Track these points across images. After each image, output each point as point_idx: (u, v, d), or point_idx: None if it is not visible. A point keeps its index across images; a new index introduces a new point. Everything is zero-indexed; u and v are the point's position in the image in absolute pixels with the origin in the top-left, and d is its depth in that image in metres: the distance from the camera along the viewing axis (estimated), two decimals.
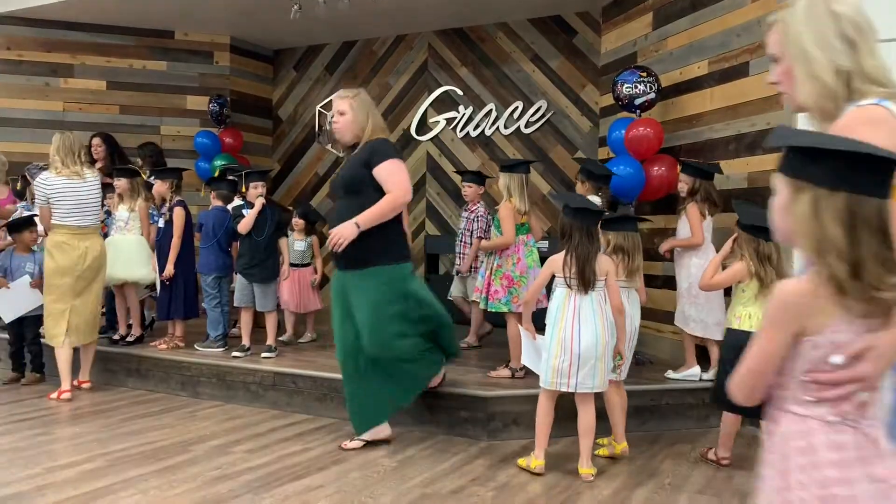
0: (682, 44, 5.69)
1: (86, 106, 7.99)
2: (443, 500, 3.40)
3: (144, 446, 4.15)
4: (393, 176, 3.98)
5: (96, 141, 7.00)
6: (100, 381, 5.70)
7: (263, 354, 5.47)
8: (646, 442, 4.48)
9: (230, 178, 6.34)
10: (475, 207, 6.04)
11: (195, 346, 5.77)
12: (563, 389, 3.75)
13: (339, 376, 4.88)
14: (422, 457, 4.09)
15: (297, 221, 6.38)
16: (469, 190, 6.06)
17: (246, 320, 5.69)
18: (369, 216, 3.90)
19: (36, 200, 5.25)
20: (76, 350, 5.36)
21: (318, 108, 8.88)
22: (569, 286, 3.72)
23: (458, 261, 6.16)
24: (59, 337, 5.17)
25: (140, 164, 6.97)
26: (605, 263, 3.78)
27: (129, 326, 6.25)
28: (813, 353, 1.41)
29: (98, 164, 6.76)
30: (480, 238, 5.77)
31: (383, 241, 4.00)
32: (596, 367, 3.71)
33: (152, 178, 6.29)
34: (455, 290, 6.19)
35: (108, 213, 6.22)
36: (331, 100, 8.71)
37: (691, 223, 4.82)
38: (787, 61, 1.82)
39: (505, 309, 4.90)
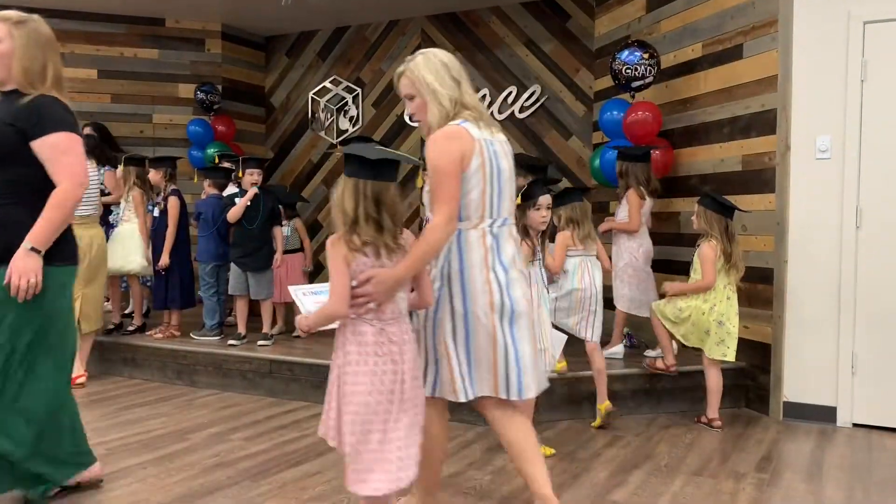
0: (676, 26, 5.67)
1: (77, 95, 7.91)
2: (440, 485, 3.41)
3: (142, 435, 4.16)
4: (65, 157, 2.91)
5: (86, 130, 6.96)
6: (96, 371, 5.70)
7: (259, 342, 5.47)
8: (641, 425, 4.51)
9: (225, 165, 6.32)
10: None
11: (191, 334, 5.77)
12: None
13: None
14: None
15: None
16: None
17: (241, 308, 5.69)
18: (44, 234, 2.82)
19: None
20: None
21: (311, 94, 8.83)
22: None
23: None
24: None
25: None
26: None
27: (126, 316, 6.26)
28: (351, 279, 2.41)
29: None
30: None
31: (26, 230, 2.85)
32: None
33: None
34: None
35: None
36: (324, 86, 8.70)
37: (630, 209, 4.98)
38: (420, 97, 2.67)
39: None
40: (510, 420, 2.72)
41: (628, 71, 5.46)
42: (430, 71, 2.64)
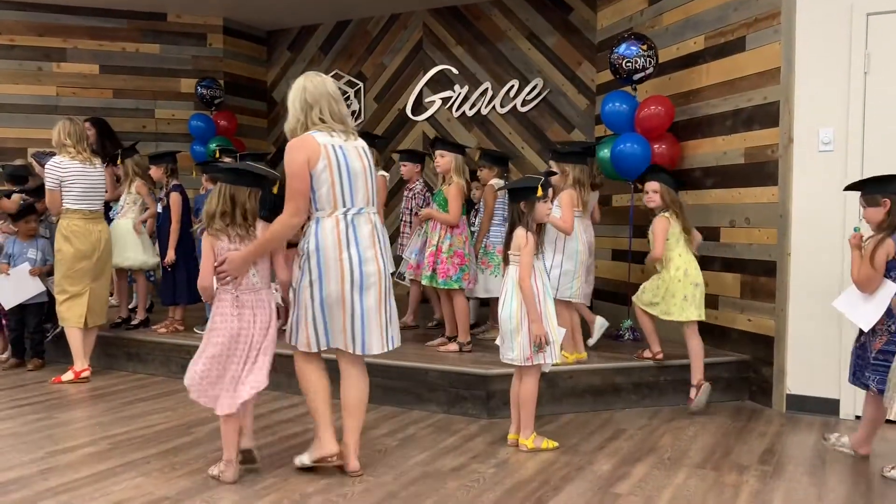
0: (679, 19, 5.65)
1: (79, 90, 7.94)
2: (443, 478, 3.42)
3: (146, 429, 4.17)
4: None
5: (86, 125, 6.96)
6: (100, 366, 5.72)
7: None
8: (644, 417, 4.51)
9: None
10: (413, 185, 6.20)
11: (195, 329, 5.78)
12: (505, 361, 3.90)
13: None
14: (422, 435, 4.11)
15: None
16: (404, 169, 6.20)
17: None
18: None
19: (47, 183, 5.25)
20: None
21: None
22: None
23: (403, 240, 6.17)
24: (77, 319, 5.23)
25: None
26: (518, 238, 3.77)
27: (132, 311, 6.27)
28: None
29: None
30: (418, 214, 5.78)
31: None
32: (512, 339, 3.76)
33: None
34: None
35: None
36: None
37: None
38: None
39: (456, 286, 5.01)
40: (348, 374, 3.46)
41: (628, 64, 5.43)
42: (292, 93, 3.44)
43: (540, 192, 3.73)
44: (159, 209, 5.97)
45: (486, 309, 6.03)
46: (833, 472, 3.58)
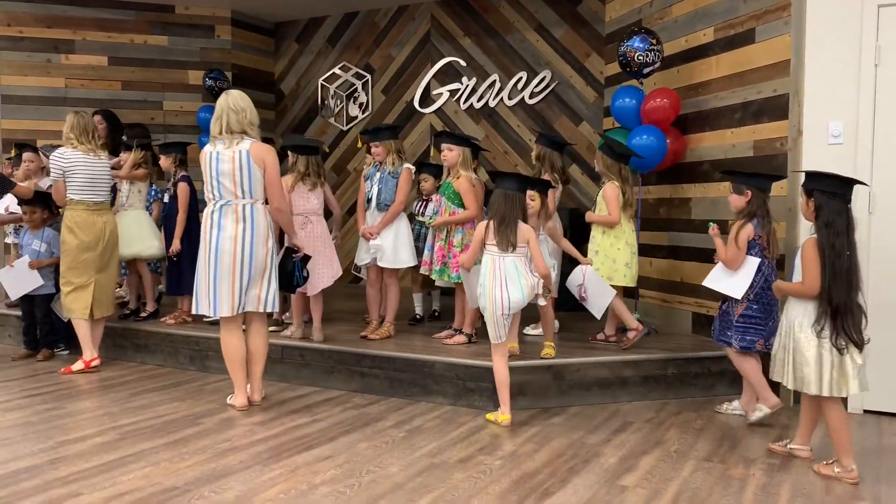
0: (688, 10, 5.62)
1: (87, 82, 7.96)
2: (450, 470, 3.44)
3: (154, 420, 4.20)
4: None
5: (97, 118, 6.98)
6: (109, 357, 5.75)
7: (270, 328, 5.48)
8: (651, 410, 4.51)
9: None
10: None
11: (205, 319, 5.78)
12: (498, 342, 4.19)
13: (347, 349, 4.94)
14: (429, 427, 4.12)
15: None
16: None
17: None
18: None
19: (52, 174, 5.29)
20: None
21: (320, 81, 8.82)
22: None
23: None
24: (82, 311, 5.26)
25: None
26: (525, 231, 4.13)
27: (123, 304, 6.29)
28: None
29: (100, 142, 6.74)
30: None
31: None
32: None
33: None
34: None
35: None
36: (333, 72, 8.69)
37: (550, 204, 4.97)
38: None
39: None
40: (226, 331, 4.35)
41: (640, 58, 5.39)
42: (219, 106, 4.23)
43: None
44: (166, 199, 5.99)
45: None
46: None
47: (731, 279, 4.15)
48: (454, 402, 4.59)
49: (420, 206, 5.73)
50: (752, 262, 4.07)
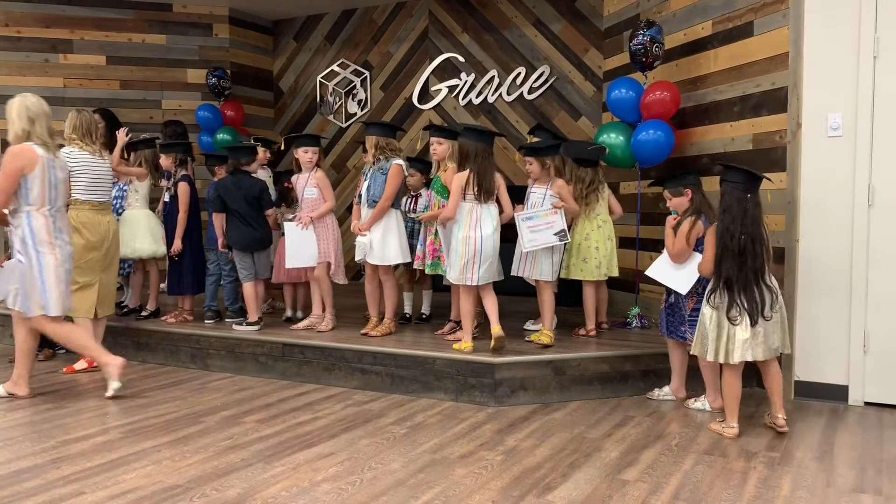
0: (686, 4, 5.61)
1: (86, 81, 7.95)
2: (452, 465, 3.44)
3: (156, 418, 4.21)
4: None
5: (95, 118, 6.97)
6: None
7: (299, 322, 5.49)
8: (652, 404, 4.52)
9: (250, 144, 6.28)
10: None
11: (234, 326, 5.62)
12: (469, 283, 4.63)
13: (348, 346, 4.95)
14: (430, 423, 4.13)
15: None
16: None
17: (254, 293, 5.69)
18: None
19: None
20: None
21: (319, 78, 8.82)
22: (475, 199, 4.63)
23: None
24: (87, 310, 5.25)
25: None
26: (497, 179, 4.70)
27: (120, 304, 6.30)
28: None
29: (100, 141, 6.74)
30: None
31: None
32: (493, 263, 4.68)
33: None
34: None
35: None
36: (332, 70, 8.68)
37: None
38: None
39: None
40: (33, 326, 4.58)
41: (657, 49, 5.34)
42: (14, 110, 4.48)
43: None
44: (167, 198, 6.00)
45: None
46: (842, 458, 3.58)
47: (676, 273, 4.28)
48: (455, 397, 4.59)
49: (409, 203, 5.69)
50: (697, 258, 4.14)
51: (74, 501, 3.01)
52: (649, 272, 4.43)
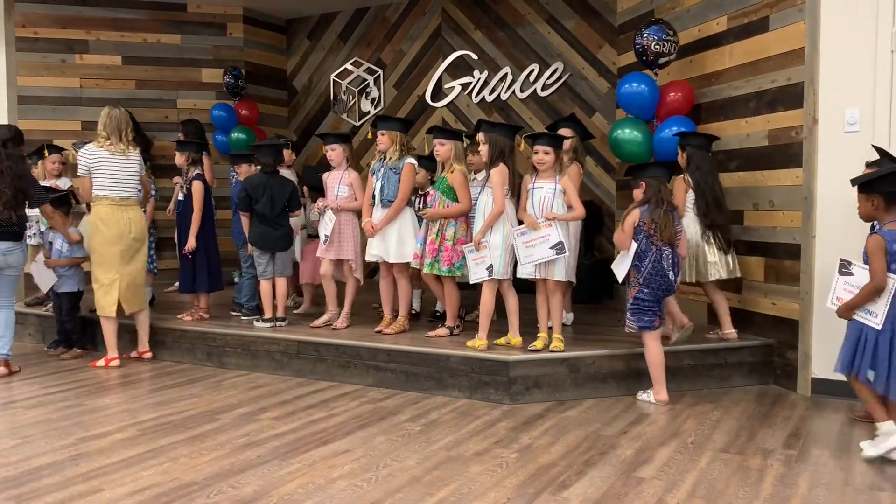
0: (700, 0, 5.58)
1: (102, 81, 8.01)
2: (466, 463, 3.44)
3: (173, 416, 4.24)
4: None
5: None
6: (126, 354, 5.79)
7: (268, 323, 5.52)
8: (668, 402, 4.50)
9: (279, 142, 6.30)
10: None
11: (255, 322, 5.66)
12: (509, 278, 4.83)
13: (363, 343, 4.96)
14: (445, 421, 4.14)
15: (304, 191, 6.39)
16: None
17: (270, 291, 5.70)
18: None
19: (78, 170, 5.35)
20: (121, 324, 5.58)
21: (332, 76, 8.84)
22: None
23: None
24: (110, 307, 5.32)
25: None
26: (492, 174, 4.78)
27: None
28: None
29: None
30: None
31: None
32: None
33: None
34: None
35: None
36: (345, 68, 8.70)
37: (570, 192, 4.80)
38: None
39: (458, 273, 5.02)
40: None
41: (657, 46, 5.34)
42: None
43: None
44: (181, 197, 6.03)
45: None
46: (859, 456, 3.55)
47: (620, 263, 4.51)
48: (470, 395, 4.60)
49: (418, 202, 5.68)
50: (632, 248, 4.37)
51: (92, 498, 3.04)
52: (613, 266, 4.61)
